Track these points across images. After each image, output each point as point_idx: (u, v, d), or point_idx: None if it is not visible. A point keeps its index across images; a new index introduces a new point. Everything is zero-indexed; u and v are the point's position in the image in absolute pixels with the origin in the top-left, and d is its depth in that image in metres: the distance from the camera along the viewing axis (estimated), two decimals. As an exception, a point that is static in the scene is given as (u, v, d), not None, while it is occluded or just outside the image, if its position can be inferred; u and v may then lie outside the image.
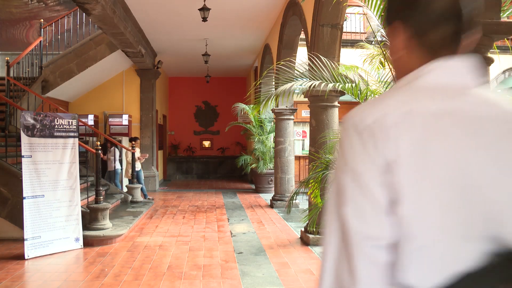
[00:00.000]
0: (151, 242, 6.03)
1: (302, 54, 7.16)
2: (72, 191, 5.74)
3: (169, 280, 4.39)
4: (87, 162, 8.20)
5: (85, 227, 5.96)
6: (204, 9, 7.22)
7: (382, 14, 3.74)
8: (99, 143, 6.97)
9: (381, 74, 4.19)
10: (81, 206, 5.99)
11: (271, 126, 10.84)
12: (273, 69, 6.46)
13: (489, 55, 2.65)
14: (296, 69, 4.21)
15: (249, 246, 5.74)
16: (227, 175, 15.93)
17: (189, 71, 15.06)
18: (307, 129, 10.73)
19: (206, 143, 16.77)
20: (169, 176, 15.68)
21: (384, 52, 3.88)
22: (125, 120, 11.27)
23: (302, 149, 11.77)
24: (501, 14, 2.70)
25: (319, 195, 4.60)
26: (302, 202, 8.44)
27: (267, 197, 10.19)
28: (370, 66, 4.30)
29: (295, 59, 5.80)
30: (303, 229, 5.97)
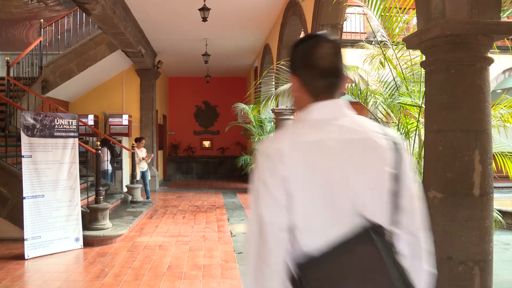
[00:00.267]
0: (151, 242, 6.03)
1: (302, 54, 7.14)
2: (72, 191, 5.74)
3: (169, 280, 4.39)
4: (87, 162, 8.20)
5: (85, 227, 5.96)
6: (204, 9, 7.22)
7: (382, 14, 3.74)
8: (99, 143, 6.97)
9: (381, 74, 4.18)
10: (81, 206, 5.99)
11: (271, 126, 10.82)
12: (273, 69, 6.46)
13: (489, 55, 2.65)
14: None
15: (249, 246, 5.74)
16: (227, 175, 15.93)
17: (189, 71, 15.06)
18: (307, 129, 10.68)
19: (206, 143, 16.77)
20: (169, 176, 15.68)
21: (384, 52, 3.88)
22: (125, 120, 11.27)
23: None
24: (501, 14, 2.70)
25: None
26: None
27: (267, 197, 10.17)
28: (370, 66, 4.29)
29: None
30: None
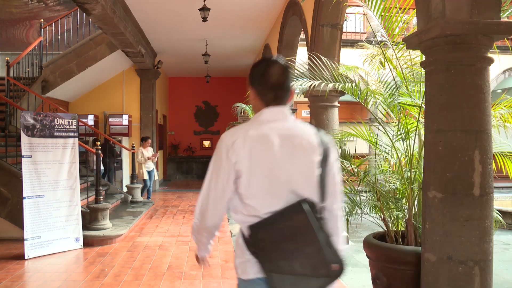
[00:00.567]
0: (151, 242, 6.03)
1: (302, 54, 7.16)
2: (72, 191, 5.74)
3: (169, 280, 4.39)
4: (87, 162, 8.19)
5: (85, 227, 5.96)
6: (204, 9, 7.21)
7: (382, 14, 3.74)
8: (99, 143, 6.97)
9: (381, 74, 4.16)
10: (81, 206, 5.99)
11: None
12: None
13: (489, 55, 2.65)
14: (296, 69, 4.19)
15: (249, 246, 5.74)
16: (227, 175, 15.90)
17: (189, 71, 15.06)
18: (307, 129, 10.69)
19: (206, 143, 16.77)
20: (169, 176, 15.68)
21: (384, 52, 3.88)
22: (125, 120, 11.27)
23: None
24: (501, 14, 2.70)
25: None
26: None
27: (267, 197, 10.17)
28: (370, 66, 4.28)
29: (295, 59, 5.79)
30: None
